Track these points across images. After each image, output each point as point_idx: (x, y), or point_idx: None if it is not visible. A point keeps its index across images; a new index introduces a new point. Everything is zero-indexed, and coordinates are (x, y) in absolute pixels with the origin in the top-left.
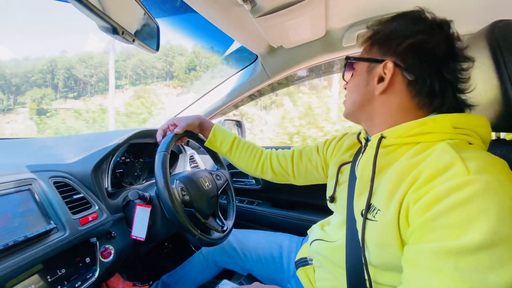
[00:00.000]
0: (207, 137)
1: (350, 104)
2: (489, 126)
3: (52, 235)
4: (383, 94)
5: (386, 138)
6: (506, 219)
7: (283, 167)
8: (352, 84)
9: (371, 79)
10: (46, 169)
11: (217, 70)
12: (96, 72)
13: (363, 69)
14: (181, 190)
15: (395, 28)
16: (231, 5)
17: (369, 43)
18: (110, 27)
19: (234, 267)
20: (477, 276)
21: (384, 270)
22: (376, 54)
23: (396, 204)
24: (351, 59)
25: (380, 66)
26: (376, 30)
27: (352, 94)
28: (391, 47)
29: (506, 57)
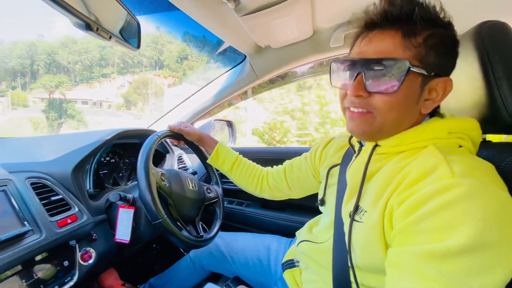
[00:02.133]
0: (209, 153)
1: (389, 124)
2: (479, 128)
3: (26, 238)
4: (425, 112)
5: (380, 146)
6: (490, 223)
7: (278, 183)
8: (398, 100)
9: (422, 95)
10: (23, 169)
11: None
12: (81, 59)
13: (417, 82)
14: (161, 175)
15: (450, 29)
16: (215, 3)
17: (423, 43)
18: (83, 23)
19: (221, 270)
20: (461, 280)
21: (369, 272)
22: (433, 62)
23: (381, 206)
24: (415, 68)
25: (435, 81)
26: (425, 22)
27: (395, 112)
28: (449, 57)
29: (492, 58)
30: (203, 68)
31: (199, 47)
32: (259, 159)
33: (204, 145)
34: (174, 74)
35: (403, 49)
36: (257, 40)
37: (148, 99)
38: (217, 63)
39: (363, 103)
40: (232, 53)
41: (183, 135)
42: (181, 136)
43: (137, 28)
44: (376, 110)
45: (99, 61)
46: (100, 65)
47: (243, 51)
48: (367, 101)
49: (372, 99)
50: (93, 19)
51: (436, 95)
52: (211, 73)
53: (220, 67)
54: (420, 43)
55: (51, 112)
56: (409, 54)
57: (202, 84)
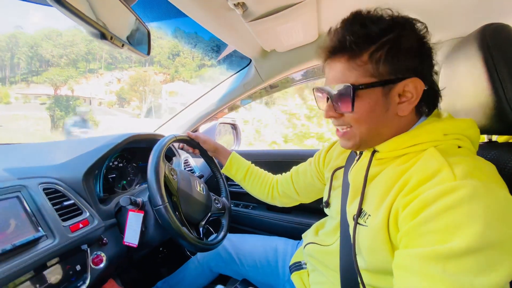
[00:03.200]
0: (224, 163)
1: (365, 134)
2: (476, 126)
3: (41, 243)
4: (403, 115)
5: (379, 152)
6: (493, 224)
7: (287, 189)
8: (363, 114)
9: (391, 102)
10: (35, 174)
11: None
12: (66, 53)
13: (378, 94)
14: (171, 170)
15: (395, 35)
16: (222, 9)
17: (367, 61)
18: (98, 32)
19: (229, 272)
20: (465, 280)
21: (377, 274)
22: (387, 72)
23: (385, 209)
24: (361, 87)
25: (400, 85)
26: (364, 42)
27: (365, 124)
28: (404, 60)
29: (496, 60)
30: (196, 66)
31: (190, 43)
32: (268, 161)
33: (218, 156)
34: (165, 71)
35: (350, 71)
36: (263, 45)
37: (145, 97)
38: (212, 60)
39: (340, 121)
40: (237, 57)
41: (199, 142)
42: (196, 144)
43: (147, 35)
44: (350, 124)
45: (86, 55)
46: (87, 59)
47: (249, 55)
48: (343, 120)
49: (345, 117)
50: (105, 28)
51: (410, 95)
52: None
53: (214, 65)
54: (365, 61)
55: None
56: (356, 74)
57: (197, 82)
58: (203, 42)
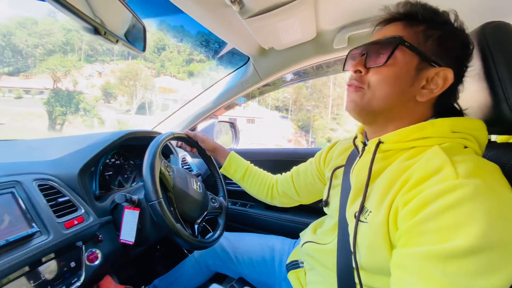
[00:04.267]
0: (222, 163)
1: (379, 99)
2: (485, 129)
3: (35, 239)
4: (421, 100)
5: (384, 143)
6: (495, 224)
7: (287, 189)
8: (391, 74)
9: (418, 80)
10: (30, 170)
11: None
12: (42, 43)
13: (413, 63)
14: (167, 166)
15: (452, 28)
16: (219, 6)
17: (422, 31)
18: (91, 27)
19: (226, 270)
20: (465, 281)
21: (374, 274)
22: (432, 51)
23: (386, 206)
24: (406, 44)
25: (434, 69)
26: (428, 17)
27: (386, 88)
28: (449, 51)
29: (496, 59)
30: (183, 61)
31: (177, 37)
32: (267, 160)
33: (217, 155)
34: (150, 66)
35: (403, 31)
36: (261, 42)
37: (136, 92)
38: (201, 55)
39: (358, 79)
40: (235, 54)
41: (198, 141)
42: (195, 143)
43: (143, 31)
44: (368, 85)
45: (64, 46)
46: (65, 50)
47: (247, 53)
48: (363, 78)
49: (367, 76)
50: (99, 23)
51: (435, 86)
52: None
53: (203, 61)
54: (419, 31)
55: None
56: (408, 37)
57: (185, 77)
58: (190, 37)
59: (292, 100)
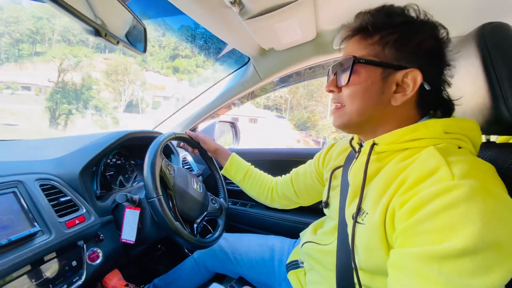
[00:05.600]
0: (223, 164)
1: (355, 114)
2: (479, 129)
3: (36, 238)
4: (395, 105)
5: (378, 145)
6: (490, 225)
7: (286, 191)
8: (358, 90)
9: (387, 87)
10: (32, 169)
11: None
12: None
13: (376, 74)
14: (168, 165)
15: (409, 27)
16: (219, 7)
17: (377, 41)
18: (92, 29)
19: (225, 271)
20: (461, 281)
21: (373, 274)
22: (391, 57)
23: (383, 207)
24: (362, 60)
25: (400, 73)
26: (380, 25)
27: (357, 103)
28: (410, 51)
29: (494, 59)
30: (167, 56)
31: (157, 31)
32: (267, 160)
33: (218, 156)
34: (131, 60)
35: (359, 49)
36: (261, 43)
37: (125, 89)
38: (186, 51)
39: (337, 98)
40: (234, 55)
41: (200, 142)
42: (196, 144)
43: (143, 32)
44: (345, 101)
45: (33, 35)
46: (34, 41)
47: (247, 54)
48: (339, 96)
49: (342, 94)
50: (100, 24)
51: (407, 87)
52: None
53: (189, 56)
54: (375, 41)
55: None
56: (364, 52)
57: (169, 73)
58: (172, 31)
59: (289, 100)
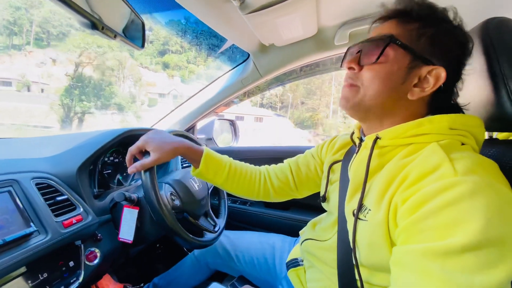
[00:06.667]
0: (195, 166)
1: (371, 96)
2: (483, 126)
3: (32, 238)
4: (414, 99)
5: (381, 139)
6: (493, 221)
7: (285, 184)
8: (382, 72)
9: (409, 78)
10: (28, 168)
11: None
12: None
13: (405, 61)
14: (171, 195)
15: (447, 25)
16: (219, 1)
17: (416, 29)
18: (88, 22)
19: (226, 269)
20: (464, 278)
21: (375, 271)
22: (425, 49)
23: (386, 204)
24: (398, 42)
25: (426, 68)
26: (422, 14)
27: (377, 85)
28: (443, 49)
29: (499, 55)
30: (156, 51)
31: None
32: (259, 158)
33: (184, 157)
34: (117, 55)
35: (396, 30)
36: (261, 38)
37: (119, 85)
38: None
39: (353, 77)
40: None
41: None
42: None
43: (141, 27)
44: (362, 82)
45: (11, 26)
46: (11, 32)
47: (247, 50)
48: (357, 75)
49: (361, 73)
50: (97, 18)
51: (427, 85)
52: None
53: (179, 52)
54: (413, 29)
55: None
56: (399, 33)
57: (158, 69)
58: (160, 25)
59: (290, 98)
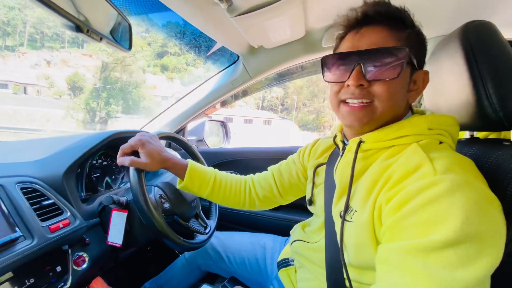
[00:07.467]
0: (181, 178)
1: (387, 112)
2: (457, 124)
3: (18, 244)
4: (411, 102)
5: (364, 143)
6: (472, 217)
7: (268, 192)
8: (396, 86)
9: (410, 84)
10: (14, 173)
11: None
12: None
13: (408, 71)
14: (160, 197)
15: (418, 29)
16: (207, 4)
17: (406, 37)
18: (73, 25)
19: (217, 270)
20: (445, 273)
21: (363, 270)
22: (415, 55)
23: (371, 205)
24: (412, 58)
25: (420, 72)
26: (409, 22)
27: (393, 100)
28: (423, 52)
29: (478, 57)
30: (154, 53)
31: (140, 26)
32: (246, 159)
33: (169, 170)
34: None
35: (394, 40)
36: (250, 41)
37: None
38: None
39: (363, 93)
40: (225, 52)
41: (140, 153)
42: (183, 144)
43: (128, 29)
44: (377, 98)
45: (4, 27)
46: (5, 32)
47: (236, 52)
48: (368, 91)
49: (372, 88)
50: (83, 20)
51: (417, 87)
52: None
53: (178, 54)
54: (405, 37)
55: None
56: (401, 43)
57: (157, 72)
58: (157, 27)
59: (295, 100)
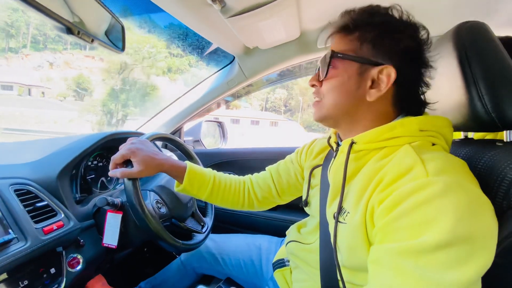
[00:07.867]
0: (179, 181)
1: (331, 107)
2: (451, 126)
3: (11, 245)
4: (373, 100)
5: (356, 143)
6: (463, 219)
7: (267, 193)
8: (335, 84)
9: (363, 82)
10: (6, 175)
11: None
12: None
13: (353, 69)
14: (156, 203)
15: (387, 26)
16: (201, 5)
17: (356, 38)
18: (63, 26)
19: (212, 272)
20: (436, 275)
21: (357, 271)
22: (368, 53)
23: (363, 206)
24: (339, 55)
25: (375, 69)
26: (360, 23)
27: (334, 96)
28: (387, 49)
29: (471, 58)
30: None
31: (142, 27)
32: (243, 160)
33: (167, 173)
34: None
35: (340, 44)
36: (245, 42)
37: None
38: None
39: (316, 92)
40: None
41: (132, 160)
42: (178, 145)
43: (121, 30)
44: (323, 96)
45: (8, 28)
46: (8, 34)
47: (232, 52)
48: (319, 91)
49: (322, 88)
50: (77, 22)
51: (382, 84)
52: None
53: (181, 55)
54: (354, 38)
55: None
56: (343, 48)
57: (159, 74)
58: (158, 28)
59: (301, 102)
